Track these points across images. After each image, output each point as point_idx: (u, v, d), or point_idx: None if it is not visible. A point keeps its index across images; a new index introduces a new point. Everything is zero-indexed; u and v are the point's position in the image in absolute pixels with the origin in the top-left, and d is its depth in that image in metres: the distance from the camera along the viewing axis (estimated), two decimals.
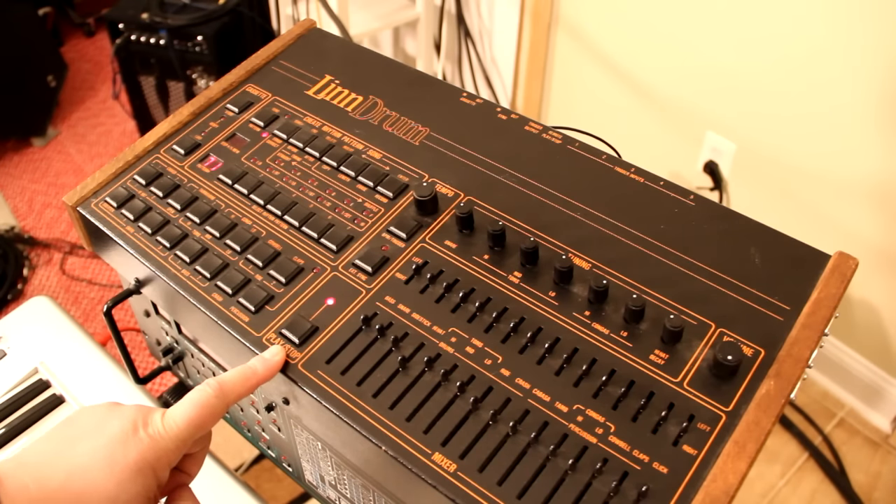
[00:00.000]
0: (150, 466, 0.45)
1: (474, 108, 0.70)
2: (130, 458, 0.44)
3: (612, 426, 0.48)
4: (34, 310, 0.87)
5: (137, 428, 0.46)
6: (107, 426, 0.46)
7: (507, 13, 1.88)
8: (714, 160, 1.64)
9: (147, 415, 0.47)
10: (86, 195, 0.67)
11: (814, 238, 0.57)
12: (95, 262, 2.05)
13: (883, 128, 1.33)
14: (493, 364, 0.52)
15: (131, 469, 0.44)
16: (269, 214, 0.63)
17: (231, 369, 0.51)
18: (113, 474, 0.43)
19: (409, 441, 0.49)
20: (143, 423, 0.46)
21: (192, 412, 0.47)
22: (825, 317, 0.52)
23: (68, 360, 0.81)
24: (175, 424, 0.46)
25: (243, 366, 0.51)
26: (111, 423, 0.46)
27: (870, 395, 1.62)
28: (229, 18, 2.06)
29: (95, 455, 0.44)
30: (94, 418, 0.47)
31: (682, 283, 0.55)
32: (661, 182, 0.62)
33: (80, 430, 0.46)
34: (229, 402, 0.49)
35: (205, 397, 0.48)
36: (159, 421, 0.46)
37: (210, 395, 0.48)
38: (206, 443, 0.52)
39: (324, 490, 0.65)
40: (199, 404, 0.47)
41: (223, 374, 0.50)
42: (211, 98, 0.73)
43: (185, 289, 0.59)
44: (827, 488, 1.54)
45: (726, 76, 1.53)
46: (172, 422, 0.46)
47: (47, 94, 2.42)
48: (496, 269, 0.57)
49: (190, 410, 0.47)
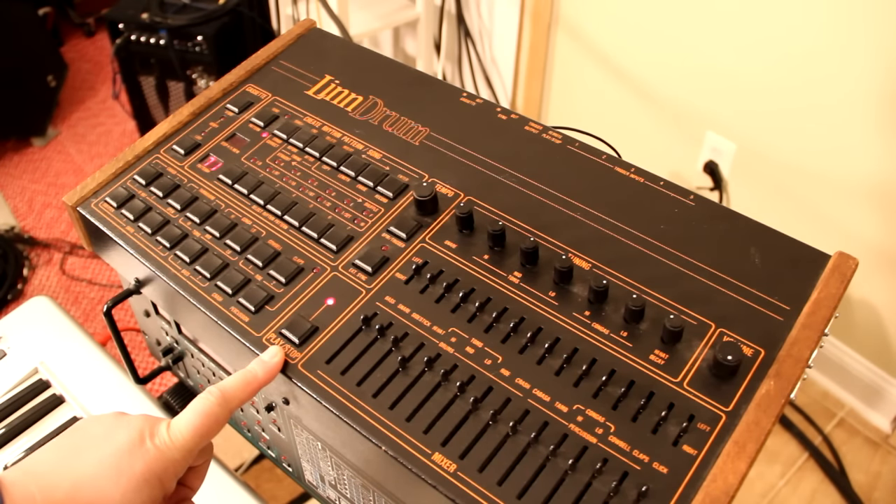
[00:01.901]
0: (157, 477, 0.45)
1: (474, 108, 0.70)
2: (137, 469, 0.44)
3: (612, 426, 0.48)
4: (34, 310, 0.87)
5: (144, 438, 0.46)
6: (114, 436, 0.46)
7: (507, 13, 1.88)
8: (714, 160, 1.64)
9: (154, 425, 0.47)
10: (86, 195, 0.67)
11: (814, 238, 0.57)
12: (95, 262, 2.05)
13: (883, 127, 1.33)
14: (493, 364, 0.52)
15: (138, 479, 0.44)
16: (269, 214, 0.63)
17: (231, 375, 0.51)
18: (119, 484, 0.44)
19: (409, 441, 0.49)
20: (149, 433, 0.46)
21: (197, 421, 0.47)
22: (825, 317, 0.52)
23: (68, 361, 0.81)
24: (181, 434, 0.47)
25: (243, 370, 0.51)
26: (118, 433, 0.46)
27: (870, 395, 1.62)
28: (229, 18, 2.06)
29: (102, 465, 0.44)
30: (101, 428, 0.47)
31: (682, 283, 0.55)
32: (661, 182, 0.62)
33: (87, 439, 0.46)
34: (232, 409, 0.49)
35: (208, 406, 0.48)
36: (165, 431, 0.47)
37: (213, 404, 0.48)
38: (208, 455, 0.52)
39: (324, 490, 0.65)
40: (202, 413, 0.47)
41: (224, 381, 0.50)
42: (211, 98, 0.73)
43: (185, 289, 0.59)
44: (827, 488, 1.54)
45: (726, 76, 1.53)
46: (178, 432, 0.47)
47: (47, 94, 2.42)
48: (496, 269, 0.57)
49: (194, 420, 0.47)
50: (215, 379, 0.71)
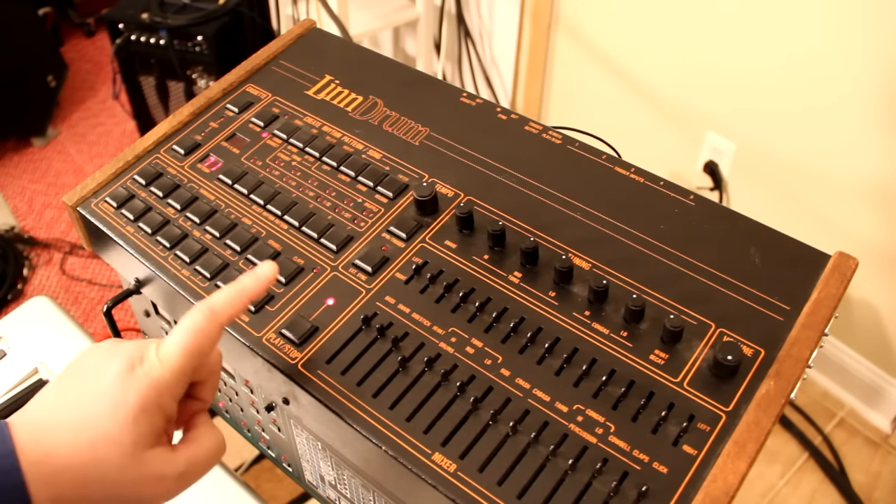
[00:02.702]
0: (153, 403, 0.43)
1: (474, 108, 0.70)
2: (131, 399, 0.43)
3: (612, 426, 0.48)
4: (34, 310, 0.87)
5: (134, 366, 0.44)
6: (106, 368, 0.44)
7: (507, 13, 1.88)
8: (714, 160, 1.64)
9: (143, 351, 0.45)
10: (86, 195, 0.67)
11: (814, 238, 0.57)
12: (95, 262, 2.05)
13: (883, 127, 1.33)
14: (493, 364, 0.52)
15: (134, 410, 0.42)
16: (269, 214, 0.63)
17: (220, 289, 0.49)
18: (117, 418, 0.42)
19: (409, 441, 0.49)
20: (139, 360, 0.44)
21: (186, 340, 0.45)
22: (825, 317, 0.52)
23: (68, 361, 0.81)
24: (170, 356, 0.44)
25: (233, 283, 0.49)
26: (110, 363, 0.44)
27: (870, 395, 1.62)
28: (229, 18, 2.06)
29: (98, 401, 0.43)
30: (96, 359, 0.45)
31: (682, 283, 0.55)
32: (661, 182, 0.62)
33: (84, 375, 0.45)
34: (223, 324, 0.47)
35: (196, 323, 0.45)
36: (154, 355, 0.44)
37: (201, 320, 0.46)
38: (215, 367, 0.50)
39: (324, 490, 0.65)
40: (191, 330, 0.45)
41: (213, 295, 0.48)
42: (211, 98, 0.73)
43: (185, 289, 0.59)
44: (827, 488, 1.54)
45: (726, 76, 1.53)
46: (167, 354, 0.44)
47: (47, 94, 2.42)
48: (496, 269, 0.57)
49: (183, 339, 0.45)
50: None
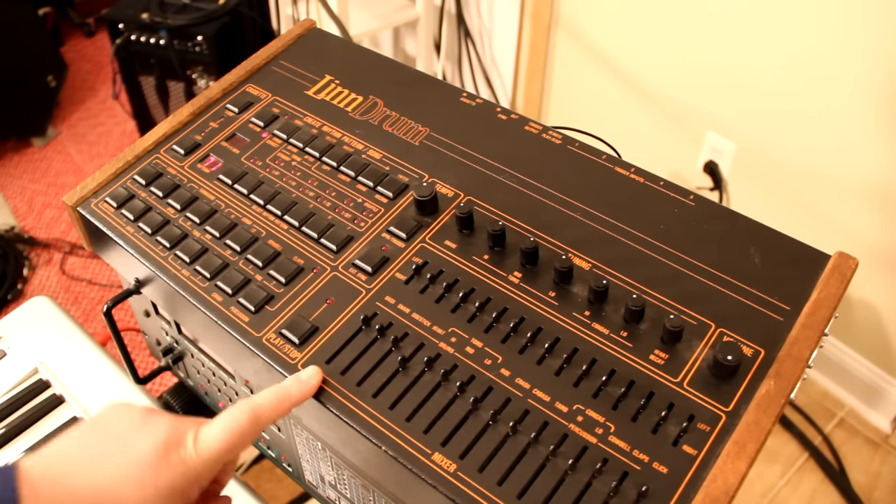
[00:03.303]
0: (180, 490, 0.44)
1: (474, 108, 0.70)
2: (161, 483, 0.43)
3: (612, 426, 0.48)
4: (34, 310, 0.87)
5: (170, 450, 0.44)
6: (138, 441, 0.44)
7: (507, 13, 1.88)
8: (714, 160, 1.64)
9: (181, 436, 0.45)
10: (86, 195, 0.67)
11: (814, 238, 0.57)
12: (95, 262, 2.05)
13: (883, 127, 1.33)
14: (493, 364, 0.52)
15: (161, 492, 0.43)
16: (269, 214, 0.63)
17: (265, 390, 0.49)
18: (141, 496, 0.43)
19: (409, 441, 0.49)
20: (175, 444, 0.45)
21: (226, 437, 0.46)
22: (825, 317, 0.52)
23: (68, 360, 0.81)
24: (209, 449, 0.45)
25: (277, 387, 0.50)
26: (143, 438, 0.44)
27: (870, 395, 1.62)
28: (229, 18, 2.06)
29: (123, 472, 0.43)
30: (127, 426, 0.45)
31: (682, 283, 0.55)
32: (661, 182, 0.62)
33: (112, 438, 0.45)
34: (262, 427, 0.48)
35: (238, 423, 0.46)
36: (192, 444, 0.45)
37: (244, 421, 0.46)
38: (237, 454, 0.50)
39: (324, 490, 0.65)
40: (233, 429, 0.46)
41: (257, 396, 0.48)
42: (211, 98, 0.73)
43: (185, 289, 0.59)
44: (827, 488, 1.54)
45: (726, 76, 1.53)
46: (206, 446, 0.45)
47: (47, 94, 2.42)
48: (496, 269, 0.57)
49: (223, 436, 0.46)
50: (215, 379, 0.71)
